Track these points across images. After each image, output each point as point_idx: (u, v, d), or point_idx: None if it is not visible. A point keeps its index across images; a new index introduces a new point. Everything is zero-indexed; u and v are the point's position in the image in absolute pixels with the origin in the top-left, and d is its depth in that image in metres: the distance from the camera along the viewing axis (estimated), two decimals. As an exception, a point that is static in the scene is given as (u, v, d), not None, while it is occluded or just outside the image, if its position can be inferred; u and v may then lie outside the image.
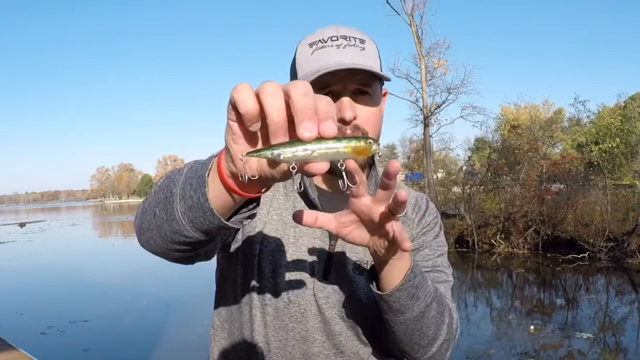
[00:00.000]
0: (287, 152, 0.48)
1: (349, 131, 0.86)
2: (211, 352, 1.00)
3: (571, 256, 9.70)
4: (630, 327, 5.77)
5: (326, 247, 0.92)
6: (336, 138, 0.48)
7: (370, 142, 0.50)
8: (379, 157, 0.69)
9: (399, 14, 17.57)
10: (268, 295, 0.91)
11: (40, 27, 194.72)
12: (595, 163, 15.40)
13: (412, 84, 18.14)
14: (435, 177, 17.29)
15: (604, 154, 17.45)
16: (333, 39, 0.86)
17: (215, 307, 1.01)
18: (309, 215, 0.69)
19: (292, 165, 0.49)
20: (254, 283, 0.92)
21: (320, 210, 0.91)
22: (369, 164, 0.98)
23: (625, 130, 23.85)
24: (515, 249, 10.90)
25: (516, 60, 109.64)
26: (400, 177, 1.14)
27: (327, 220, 0.70)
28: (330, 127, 0.48)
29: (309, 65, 0.86)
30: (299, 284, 0.91)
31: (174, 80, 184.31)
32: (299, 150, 0.48)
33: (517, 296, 7.61)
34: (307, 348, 0.91)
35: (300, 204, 0.94)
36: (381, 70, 0.92)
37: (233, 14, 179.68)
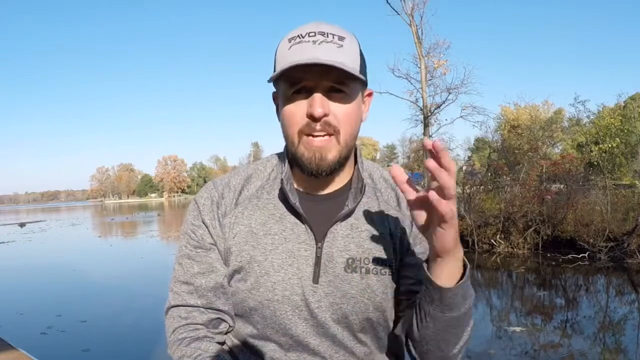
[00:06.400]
0: None
1: (318, 127, 0.85)
2: None
3: (571, 256, 9.69)
4: (630, 327, 5.76)
5: (313, 250, 0.91)
6: None
7: None
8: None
9: (398, 14, 17.60)
10: (253, 305, 0.91)
11: (40, 27, 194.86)
12: (595, 163, 15.39)
13: (412, 84, 18.21)
14: (435, 177, 17.26)
15: (604, 154, 17.44)
16: (311, 34, 0.84)
17: None
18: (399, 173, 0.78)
19: None
20: (240, 296, 0.93)
21: (302, 215, 0.91)
22: (353, 161, 0.97)
23: (625, 130, 23.82)
24: (515, 249, 10.89)
25: (516, 60, 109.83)
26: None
27: (407, 191, 0.78)
28: None
29: (284, 60, 0.85)
30: (286, 291, 0.90)
31: (174, 80, 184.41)
32: None
33: (517, 296, 7.61)
34: (301, 352, 0.92)
35: (281, 211, 0.93)
36: (364, 69, 0.89)
37: (234, 13, 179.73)
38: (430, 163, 0.69)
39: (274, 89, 0.95)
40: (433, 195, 0.71)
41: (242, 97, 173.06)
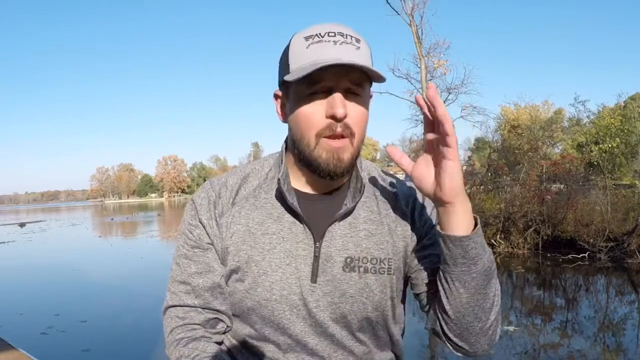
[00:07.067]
0: None
1: (339, 128, 0.83)
2: None
3: (571, 256, 9.69)
4: (630, 327, 5.76)
5: (312, 250, 0.90)
6: None
7: None
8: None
9: (398, 14, 17.60)
10: (251, 305, 0.91)
11: (40, 27, 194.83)
12: (595, 163, 15.39)
13: (412, 84, 18.22)
14: (435, 177, 17.26)
15: (604, 154, 17.45)
16: (330, 34, 0.84)
17: None
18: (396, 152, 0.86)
19: None
20: (238, 296, 0.93)
21: (300, 215, 0.90)
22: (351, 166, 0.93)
23: (625, 130, 23.81)
24: (515, 249, 10.89)
25: (516, 60, 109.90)
26: (400, 176, 1.13)
27: (407, 163, 0.86)
28: None
29: (304, 58, 0.83)
30: (284, 291, 0.90)
31: (174, 80, 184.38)
32: None
33: (517, 296, 7.61)
34: (299, 351, 0.92)
35: (279, 210, 0.92)
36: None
37: (234, 13, 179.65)
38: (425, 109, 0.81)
39: (277, 87, 0.93)
40: (442, 112, 0.78)
41: (242, 97, 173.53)
